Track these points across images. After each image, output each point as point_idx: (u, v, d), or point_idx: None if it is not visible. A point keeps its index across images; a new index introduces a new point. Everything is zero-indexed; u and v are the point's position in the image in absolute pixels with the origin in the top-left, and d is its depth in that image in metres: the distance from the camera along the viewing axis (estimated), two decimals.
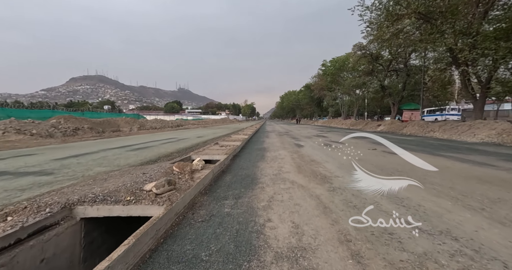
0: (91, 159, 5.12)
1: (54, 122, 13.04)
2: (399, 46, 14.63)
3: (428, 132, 11.42)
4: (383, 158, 5.55)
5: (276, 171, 4.34)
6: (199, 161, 3.89)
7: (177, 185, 2.75)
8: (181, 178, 3.12)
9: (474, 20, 9.20)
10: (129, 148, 7.19)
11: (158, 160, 5.35)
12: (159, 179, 2.89)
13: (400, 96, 19.63)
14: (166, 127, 23.58)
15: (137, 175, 3.14)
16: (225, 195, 2.99)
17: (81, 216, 2.06)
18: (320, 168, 4.55)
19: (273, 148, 7.71)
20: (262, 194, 3.02)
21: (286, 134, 14.75)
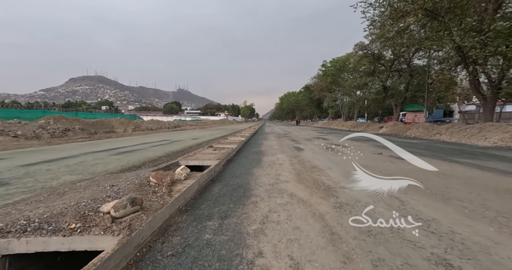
0: (65, 165, 4.57)
1: (42, 123, 12.48)
2: (402, 46, 14.07)
3: (434, 135, 10.89)
4: (392, 164, 5.03)
5: (273, 180, 3.81)
6: (183, 169, 3.35)
7: (149, 202, 2.21)
8: (157, 192, 2.58)
9: (486, 16, 8.68)
10: (115, 151, 6.65)
11: (142, 165, 4.81)
12: (129, 193, 2.35)
13: (403, 97, 19.08)
14: (162, 128, 23.02)
15: (103, 187, 2.60)
16: (209, 213, 2.45)
17: (3, 252, 1.51)
18: (323, 176, 4.02)
19: (271, 152, 7.18)
20: (255, 212, 2.48)
21: (285, 136, 14.23)
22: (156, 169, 3.89)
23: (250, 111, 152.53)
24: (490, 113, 10.90)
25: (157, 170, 3.43)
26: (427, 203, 2.67)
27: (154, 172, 2.97)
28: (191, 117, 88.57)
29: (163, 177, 2.88)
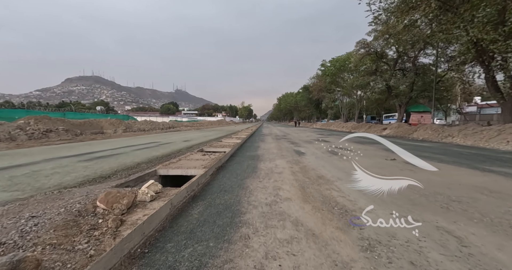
0: (10, 176, 3.69)
1: (21, 124, 11.52)
2: (408, 42, 13.21)
3: (445, 138, 10.08)
4: (413, 173, 4.22)
5: (271, 197, 2.98)
6: (151, 185, 2.51)
7: (66, 255, 1.36)
8: (98, 228, 1.73)
9: (509, 4, 7.89)
10: (88, 156, 5.77)
11: (112, 175, 3.95)
12: (47, 234, 1.50)
13: (408, 97, 18.27)
14: (155, 129, 22.09)
15: (15, 222, 1.74)
16: (174, 262, 1.61)
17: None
18: (334, 191, 3.21)
19: (268, 156, 6.36)
20: (244, 259, 1.65)
21: (283, 138, 13.42)
22: (122, 183, 3.04)
23: (247, 112, 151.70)
24: (510, 114, 9.98)
25: (118, 186, 2.58)
26: (500, 243, 1.85)
27: (106, 191, 2.12)
28: (188, 118, 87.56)
29: (117, 200, 2.04)
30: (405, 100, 18.46)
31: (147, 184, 2.54)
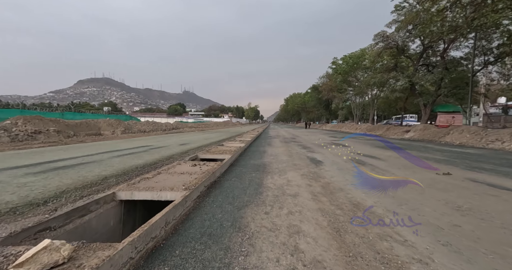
0: None
1: (7, 124, 10.61)
2: (439, 32, 11.32)
3: (491, 143, 8.36)
4: (496, 199, 2.79)
5: (287, 258, 1.65)
6: (44, 253, 1.21)
7: None
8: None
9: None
10: (47, 166, 4.57)
11: (49, 201, 2.71)
12: None
13: (436, 95, 16.28)
14: (157, 130, 21.08)
15: None
16: None
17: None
18: (395, 243, 1.84)
19: (277, 166, 5.03)
20: None
21: (293, 141, 12.04)
22: (33, 226, 1.78)
23: (254, 113, 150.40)
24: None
25: (23, 231, 1.31)
26: None
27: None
28: (194, 119, 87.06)
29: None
30: (432, 99, 16.49)
31: (37, 247, 1.25)
